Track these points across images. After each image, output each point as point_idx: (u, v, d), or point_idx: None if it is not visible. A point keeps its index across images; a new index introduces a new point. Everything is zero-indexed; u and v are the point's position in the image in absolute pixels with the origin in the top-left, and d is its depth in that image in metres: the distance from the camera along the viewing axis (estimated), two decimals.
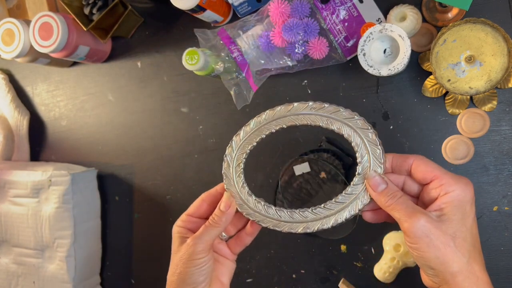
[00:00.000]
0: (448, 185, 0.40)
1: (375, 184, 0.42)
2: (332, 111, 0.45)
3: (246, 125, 0.48)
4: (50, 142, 0.85)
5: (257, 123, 0.47)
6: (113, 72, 0.80)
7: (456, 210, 0.39)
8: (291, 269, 0.69)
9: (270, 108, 0.47)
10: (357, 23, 0.63)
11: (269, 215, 0.46)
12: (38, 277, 0.76)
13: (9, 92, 0.85)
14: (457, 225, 0.39)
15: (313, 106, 0.45)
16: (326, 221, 0.44)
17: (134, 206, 0.78)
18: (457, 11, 0.59)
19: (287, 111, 0.46)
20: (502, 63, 0.53)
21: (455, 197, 0.40)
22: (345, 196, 0.44)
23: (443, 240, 0.38)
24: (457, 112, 0.60)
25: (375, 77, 0.63)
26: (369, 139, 0.44)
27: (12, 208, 0.77)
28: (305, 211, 0.45)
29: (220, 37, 0.68)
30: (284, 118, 0.47)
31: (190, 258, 0.44)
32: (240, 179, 0.47)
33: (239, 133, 0.48)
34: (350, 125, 0.44)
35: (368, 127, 0.44)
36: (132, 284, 0.79)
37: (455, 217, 0.39)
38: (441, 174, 0.41)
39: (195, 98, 0.74)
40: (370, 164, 0.43)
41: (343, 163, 0.63)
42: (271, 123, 0.47)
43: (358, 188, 0.43)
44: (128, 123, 0.79)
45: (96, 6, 0.70)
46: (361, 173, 0.43)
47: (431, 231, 0.38)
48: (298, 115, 0.46)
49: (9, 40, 0.74)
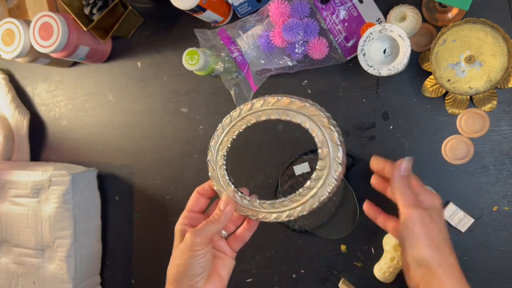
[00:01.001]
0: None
1: (404, 168, 0.49)
2: (299, 106, 0.46)
3: (217, 129, 0.51)
4: (50, 142, 0.85)
5: (225, 125, 0.51)
6: (113, 72, 0.80)
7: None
8: (291, 269, 0.69)
9: (233, 109, 0.50)
10: (357, 23, 0.63)
11: (255, 208, 0.49)
12: (38, 277, 0.77)
13: (9, 92, 0.85)
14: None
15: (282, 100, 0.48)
16: (294, 211, 0.48)
17: (134, 206, 0.78)
18: (457, 11, 0.59)
19: (247, 110, 0.49)
20: (502, 63, 0.53)
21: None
22: (306, 190, 0.47)
23: (433, 231, 0.45)
24: (457, 112, 0.60)
25: (375, 77, 0.63)
26: (332, 140, 0.46)
27: (12, 208, 0.77)
28: (283, 200, 0.48)
29: (220, 37, 0.68)
30: (250, 116, 0.49)
31: (189, 249, 0.45)
32: (225, 179, 0.50)
33: (214, 137, 0.51)
34: (316, 121, 0.46)
35: (332, 125, 0.46)
36: (132, 284, 0.79)
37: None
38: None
39: (195, 98, 0.74)
40: (329, 165, 0.46)
41: None
42: (238, 124, 0.50)
43: (318, 183, 0.47)
44: (128, 123, 0.79)
45: (96, 6, 0.70)
46: (320, 169, 0.46)
47: (426, 219, 0.46)
48: (264, 111, 0.48)
49: (9, 40, 0.74)
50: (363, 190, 0.61)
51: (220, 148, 0.51)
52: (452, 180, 0.61)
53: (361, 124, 0.65)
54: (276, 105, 0.47)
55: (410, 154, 0.62)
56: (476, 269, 0.60)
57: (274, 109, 0.48)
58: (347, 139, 0.65)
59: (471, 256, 0.60)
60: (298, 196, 0.47)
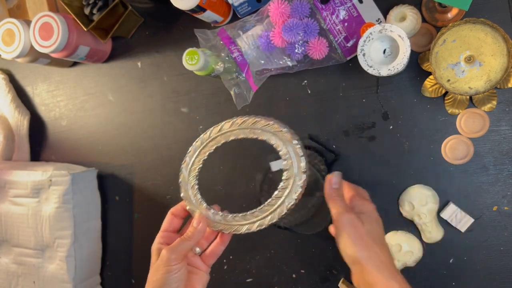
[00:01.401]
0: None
1: (335, 181, 0.53)
2: (264, 124, 0.51)
3: (188, 152, 0.55)
4: (50, 142, 0.86)
5: (196, 147, 0.55)
6: (113, 72, 0.80)
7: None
8: (291, 269, 0.69)
9: (203, 132, 0.54)
10: (356, 23, 0.63)
11: (228, 222, 0.52)
12: (38, 277, 0.77)
13: (9, 92, 0.85)
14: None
15: (248, 120, 0.52)
16: (265, 220, 0.51)
17: (134, 206, 0.78)
18: (456, 11, 0.59)
19: (217, 132, 0.54)
20: (502, 63, 0.53)
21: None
22: (274, 199, 0.51)
23: (362, 231, 0.50)
24: (456, 112, 0.60)
25: (375, 77, 0.64)
26: (295, 152, 0.50)
27: (12, 208, 0.77)
28: (254, 211, 0.52)
29: (220, 37, 0.68)
30: (219, 137, 0.54)
31: (165, 265, 0.49)
32: (197, 198, 0.54)
33: (185, 160, 0.55)
34: (279, 136, 0.50)
35: (295, 140, 0.50)
36: (132, 284, 0.79)
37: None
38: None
39: (195, 98, 0.74)
40: (294, 174, 0.50)
41: (325, 159, 0.65)
42: (208, 145, 0.54)
43: (285, 192, 0.50)
44: (128, 123, 0.79)
45: (96, 6, 0.70)
46: (286, 178, 0.50)
47: (355, 222, 0.50)
48: (232, 132, 0.53)
49: (9, 40, 0.74)
50: None
51: (192, 169, 0.55)
52: (452, 180, 0.61)
53: (361, 124, 0.65)
54: (243, 125, 0.52)
55: (410, 154, 0.62)
56: (476, 269, 0.60)
57: (241, 129, 0.52)
58: (347, 139, 0.65)
59: (471, 256, 0.60)
60: (268, 206, 0.51)
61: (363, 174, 0.65)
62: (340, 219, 0.51)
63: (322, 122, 0.67)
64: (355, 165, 0.65)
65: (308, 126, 0.67)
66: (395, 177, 0.63)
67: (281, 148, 0.50)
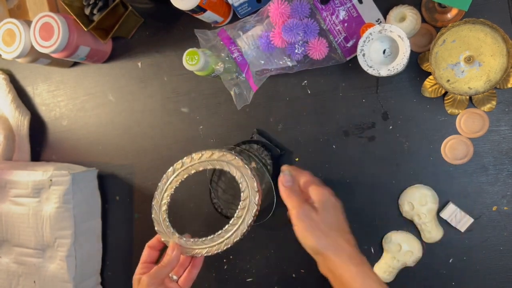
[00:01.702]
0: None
1: (286, 179, 0.55)
2: (219, 155, 0.59)
3: (157, 190, 0.63)
4: (50, 142, 0.86)
5: (163, 184, 0.63)
6: (113, 72, 0.80)
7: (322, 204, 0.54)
8: (291, 268, 0.69)
9: (169, 169, 0.63)
10: (356, 24, 0.63)
11: (198, 246, 0.59)
12: (38, 276, 0.77)
13: (9, 92, 0.85)
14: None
15: (204, 155, 0.61)
16: (229, 239, 0.58)
17: (134, 206, 0.79)
18: (456, 11, 0.59)
19: (180, 167, 0.62)
20: (501, 63, 0.53)
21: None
22: (236, 219, 0.58)
23: (317, 220, 0.52)
24: (456, 112, 0.60)
25: (374, 78, 0.64)
26: (248, 175, 0.57)
27: (13, 208, 0.77)
28: (220, 232, 0.59)
29: (220, 38, 0.68)
30: (182, 172, 0.62)
31: None
32: (170, 230, 0.61)
33: (155, 197, 0.63)
34: (233, 164, 0.59)
35: (245, 165, 0.58)
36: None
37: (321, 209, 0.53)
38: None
39: (195, 98, 0.74)
40: (249, 194, 0.57)
41: (271, 153, 0.68)
42: (175, 179, 0.62)
43: (244, 211, 0.58)
44: (128, 123, 0.79)
45: (96, 7, 0.70)
46: (243, 199, 0.58)
47: (308, 212, 0.52)
48: (192, 166, 0.62)
49: (9, 40, 0.74)
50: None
51: (162, 204, 0.63)
52: (452, 180, 0.61)
53: (360, 124, 0.65)
54: (202, 159, 0.61)
55: (409, 154, 0.62)
56: (475, 269, 0.60)
57: (201, 162, 0.61)
58: (347, 139, 0.65)
59: (471, 256, 0.60)
60: (231, 226, 0.58)
61: (363, 174, 0.65)
62: (295, 213, 0.52)
63: (322, 122, 0.67)
64: (355, 165, 0.65)
65: (308, 126, 0.67)
66: (395, 177, 0.63)
67: (236, 173, 0.58)
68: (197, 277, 0.75)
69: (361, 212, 0.65)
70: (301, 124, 0.68)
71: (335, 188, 0.66)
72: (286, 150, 0.69)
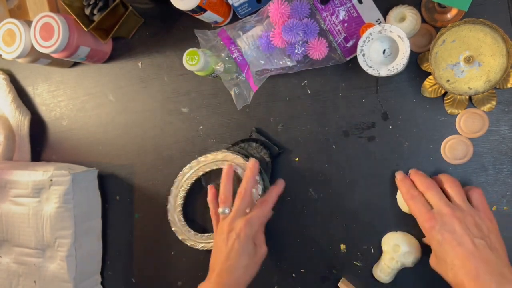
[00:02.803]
0: None
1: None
2: (223, 155, 0.68)
3: (170, 194, 0.73)
4: (51, 142, 0.86)
5: (176, 188, 0.72)
6: (113, 72, 0.80)
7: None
8: (291, 268, 0.69)
9: (178, 174, 0.72)
10: (356, 24, 0.63)
11: (202, 241, 0.71)
12: (39, 276, 0.77)
13: (10, 92, 0.85)
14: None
15: (215, 158, 0.70)
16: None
17: (135, 206, 0.79)
18: (456, 11, 0.59)
19: (191, 168, 0.71)
20: (501, 63, 0.53)
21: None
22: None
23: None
24: (456, 112, 0.60)
25: (374, 78, 0.64)
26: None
27: (13, 208, 0.77)
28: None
29: (220, 38, 0.68)
30: (194, 172, 0.71)
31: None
32: (185, 227, 0.72)
33: (170, 201, 0.73)
34: (235, 162, 0.67)
35: (245, 162, 0.66)
36: (132, 283, 0.79)
37: None
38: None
39: (195, 98, 0.74)
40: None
41: (270, 152, 0.68)
42: (184, 184, 0.72)
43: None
44: (128, 123, 0.79)
45: (96, 7, 0.70)
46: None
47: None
48: (200, 168, 0.70)
49: (10, 40, 0.74)
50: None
51: (177, 205, 0.72)
52: None
53: (360, 124, 0.65)
54: (209, 160, 0.69)
55: (409, 154, 0.63)
56: None
57: (211, 163, 0.69)
58: (347, 139, 0.65)
59: None
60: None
61: (363, 174, 0.65)
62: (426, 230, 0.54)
63: (322, 122, 0.67)
64: (355, 165, 0.65)
65: (308, 126, 0.67)
66: (394, 177, 0.63)
67: (239, 170, 0.66)
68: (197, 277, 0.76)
69: (361, 212, 0.65)
70: (301, 124, 0.68)
71: (335, 188, 0.66)
72: (284, 148, 0.69)
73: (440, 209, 0.53)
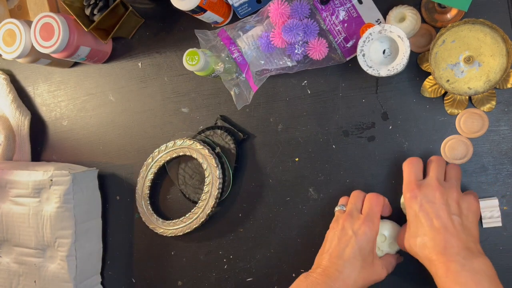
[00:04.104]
0: None
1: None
2: (190, 143, 0.70)
3: (138, 176, 0.75)
4: (51, 142, 0.86)
5: (144, 171, 0.75)
6: (114, 72, 0.80)
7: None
8: (291, 268, 0.69)
9: (148, 158, 0.74)
10: (356, 24, 0.63)
11: (170, 228, 0.73)
12: (39, 276, 0.77)
13: (10, 92, 0.86)
14: None
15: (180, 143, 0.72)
16: (195, 221, 0.71)
17: (135, 206, 0.79)
18: (456, 11, 0.59)
19: (157, 155, 0.73)
20: (501, 63, 0.53)
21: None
22: (202, 201, 0.70)
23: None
24: (456, 112, 0.60)
25: (374, 78, 0.64)
26: (210, 161, 0.69)
27: (13, 208, 0.77)
28: (189, 214, 0.71)
29: (220, 38, 0.69)
30: (158, 160, 0.74)
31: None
32: (153, 216, 0.74)
33: (137, 191, 0.76)
34: (202, 153, 0.69)
35: (210, 154, 0.69)
36: (132, 283, 0.79)
37: None
38: None
39: (195, 98, 0.74)
40: (212, 181, 0.68)
41: (235, 138, 0.70)
42: (152, 167, 0.74)
43: (208, 195, 0.69)
44: (129, 123, 0.79)
45: (97, 7, 0.70)
46: (207, 184, 0.69)
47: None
48: (162, 157, 0.73)
49: (10, 40, 0.74)
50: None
51: (144, 195, 0.75)
52: None
53: (360, 124, 0.65)
54: (177, 146, 0.71)
55: (409, 154, 0.63)
56: None
57: (177, 148, 0.71)
58: (347, 139, 0.65)
59: None
60: (197, 208, 0.70)
61: (363, 174, 0.65)
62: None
63: (322, 122, 0.67)
64: (355, 165, 0.65)
65: (308, 126, 0.67)
66: (394, 177, 0.63)
67: (202, 160, 0.69)
68: (197, 277, 0.76)
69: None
70: (301, 124, 0.68)
71: (335, 188, 0.66)
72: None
73: (430, 181, 0.54)
